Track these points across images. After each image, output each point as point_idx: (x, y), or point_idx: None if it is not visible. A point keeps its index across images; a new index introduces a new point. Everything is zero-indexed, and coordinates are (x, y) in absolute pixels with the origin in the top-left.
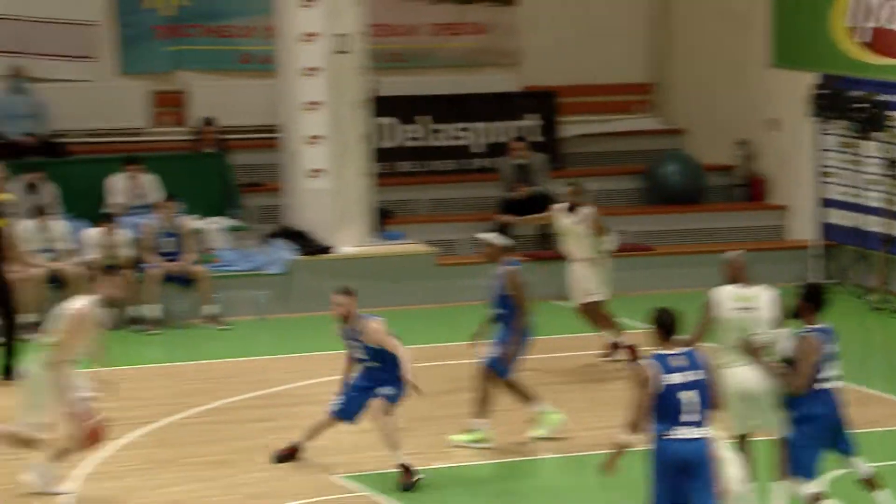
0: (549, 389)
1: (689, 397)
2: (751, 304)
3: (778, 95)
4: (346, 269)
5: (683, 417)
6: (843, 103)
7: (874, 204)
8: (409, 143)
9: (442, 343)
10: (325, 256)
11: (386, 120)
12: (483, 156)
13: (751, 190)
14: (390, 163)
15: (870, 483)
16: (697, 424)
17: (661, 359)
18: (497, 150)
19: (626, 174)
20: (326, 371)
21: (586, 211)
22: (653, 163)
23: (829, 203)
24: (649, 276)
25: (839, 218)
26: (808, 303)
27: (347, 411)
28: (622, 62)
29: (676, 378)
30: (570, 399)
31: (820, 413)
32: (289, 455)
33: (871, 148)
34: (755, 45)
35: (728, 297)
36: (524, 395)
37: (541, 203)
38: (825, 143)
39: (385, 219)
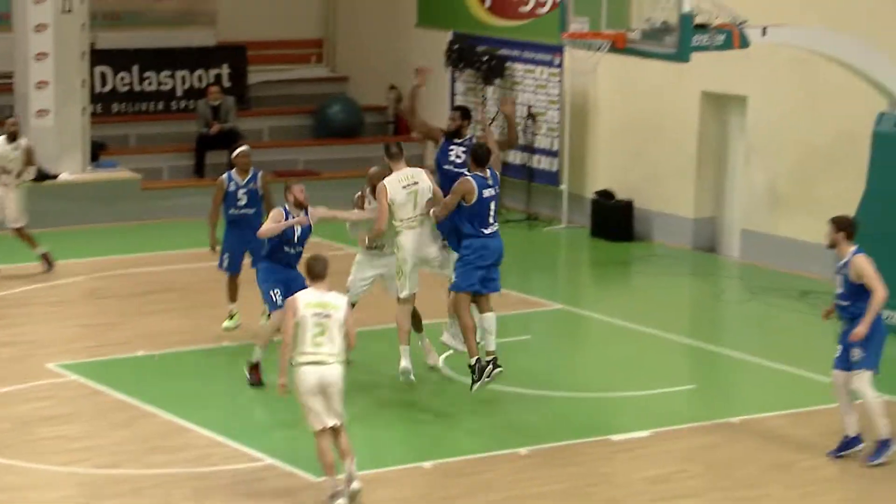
0: None
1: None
2: (413, 181)
3: (422, 49)
4: (67, 192)
5: None
6: (470, 55)
7: (496, 138)
8: (122, 89)
9: (147, 252)
10: (50, 182)
11: (103, 68)
12: (183, 98)
13: (398, 126)
14: (106, 104)
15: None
16: None
17: None
18: (195, 93)
19: (300, 113)
20: None
21: (23, 142)
22: (321, 104)
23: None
24: (316, 197)
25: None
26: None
27: None
28: (299, 21)
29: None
30: None
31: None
32: None
33: (490, 92)
34: (405, 8)
35: (396, 180)
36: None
37: (231, 137)
38: (456, 89)
39: (100, 151)
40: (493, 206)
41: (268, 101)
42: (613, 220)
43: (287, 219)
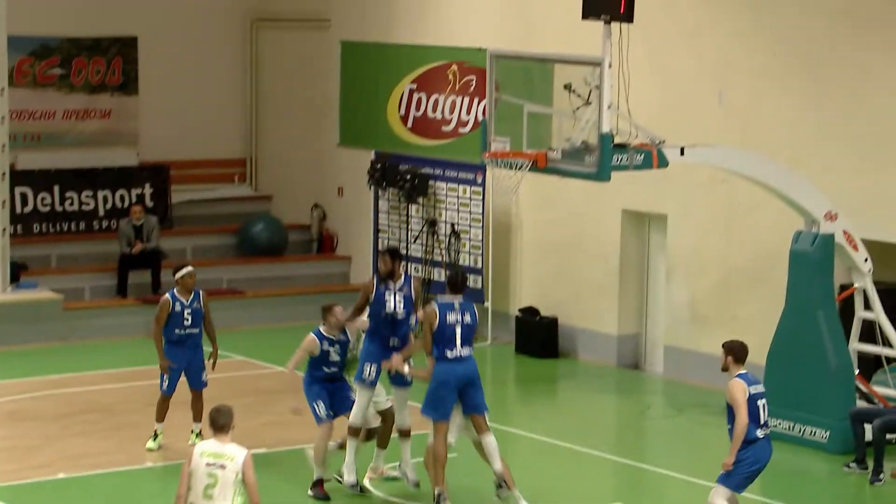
0: None
1: None
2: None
3: (344, 168)
4: None
5: None
6: (394, 175)
7: (416, 254)
8: (43, 209)
9: (69, 373)
10: None
11: (23, 189)
12: (105, 218)
13: (323, 244)
14: (27, 224)
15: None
16: None
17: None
18: (118, 213)
19: (224, 232)
20: None
21: None
22: (245, 223)
23: None
24: (241, 315)
25: None
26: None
27: None
28: (222, 141)
29: None
30: None
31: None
32: None
33: (413, 210)
34: (328, 127)
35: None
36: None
37: (154, 257)
38: (380, 207)
39: (21, 271)
40: (458, 330)
41: (191, 220)
42: (538, 336)
43: (322, 344)
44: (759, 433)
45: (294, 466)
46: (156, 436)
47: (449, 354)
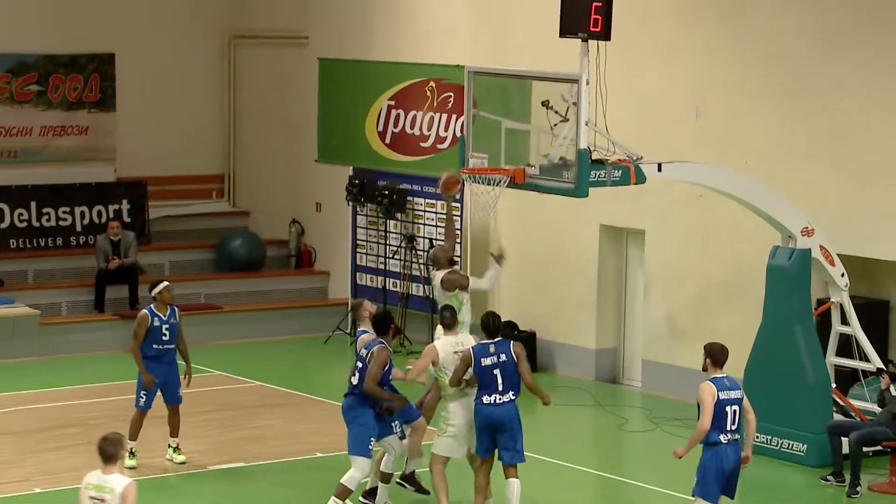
0: None
1: None
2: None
3: (322, 184)
4: None
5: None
6: (372, 190)
7: (395, 269)
8: (20, 225)
9: (46, 389)
10: None
11: (0, 205)
12: (83, 234)
13: (301, 259)
14: (4, 240)
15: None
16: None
17: None
18: (95, 229)
19: (202, 247)
20: None
21: None
22: (223, 238)
23: (360, 269)
24: (219, 330)
25: (368, 280)
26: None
27: None
28: (199, 157)
29: None
30: None
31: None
32: None
33: (392, 226)
34: (306, 143)
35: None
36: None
37: (132, 272)
38: (358, 222)
39: None
40: (498, 373)
41: (169, 235)
42: None
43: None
44: (723, 438)
45: (271, 481)
46: (132, 454)
47: (486, 399)
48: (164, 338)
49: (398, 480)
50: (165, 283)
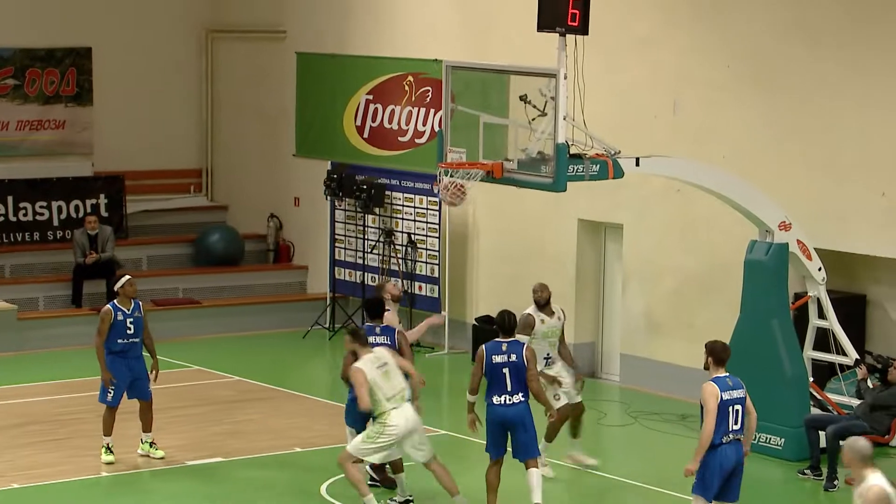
0: None
1: None
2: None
3: (300, 179)
4: None
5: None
6: (350, 185)
7: (373, 264)
8: None
9: (23, 384)
10: None
11: None
12: (60, 228)
13: (279, 254)
14: None
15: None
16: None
17: None
18: (72, 223)
19: (180, 242)
20: None
21: None
22: (201, 233)
23: (339, 263)
24: (197, 325)
25: (347, 275)
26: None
27: None
28: (177, 151)
29: None
30: None
31: None
32: None
33: (370, 220)
34: (284, 138)
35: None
36: None
37: (109, 267)
38: (336, 217)
39: None
40: (507, 372)
41: (146, 230)
42: None
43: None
44: (724, 438)
45: (250, 476)
46: (109, 449)
47: (496, 400)
48: (128, 332)
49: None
50: (128, 276)
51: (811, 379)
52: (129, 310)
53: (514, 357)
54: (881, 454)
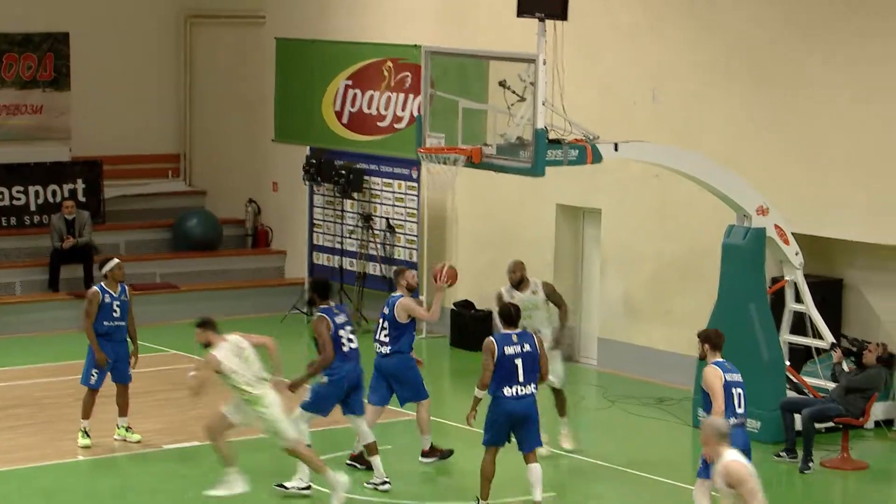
0: None
1: None
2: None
3: (279, 164)
4: None
5: None
6: (329, 170)
7: (351, 249)
8: None
9: None
10: None
11: None
12: (37, 213)
13: (257, 238)
14: None
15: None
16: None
17: None
18: (49, 208)
19: (158, 227)
20: None
21: None
22: (179, 217)
23: (317, 248)
24: (175, 310)
25: (325, 260)
26: (316, 293)
27: None
28: (155, 136)
29: None
30: None
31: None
32: None
33: (348, 205)
34: (263, 123)
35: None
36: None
37: (86, 252)
38: (315, 202)
39: None
40: (520, 363)
41: (124, 215)
42: (473, 330)
43: None
44: (732, 421)
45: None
46: (86, 433)
47: (506, 391)
48: (114, 315)
49: (347, 461)
50: (116, 260)
51: (787, 362)
52: (116, 293)
53: (527, 347)
54: (856, 436)
